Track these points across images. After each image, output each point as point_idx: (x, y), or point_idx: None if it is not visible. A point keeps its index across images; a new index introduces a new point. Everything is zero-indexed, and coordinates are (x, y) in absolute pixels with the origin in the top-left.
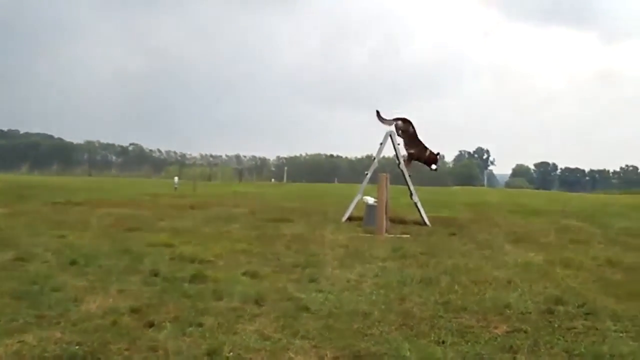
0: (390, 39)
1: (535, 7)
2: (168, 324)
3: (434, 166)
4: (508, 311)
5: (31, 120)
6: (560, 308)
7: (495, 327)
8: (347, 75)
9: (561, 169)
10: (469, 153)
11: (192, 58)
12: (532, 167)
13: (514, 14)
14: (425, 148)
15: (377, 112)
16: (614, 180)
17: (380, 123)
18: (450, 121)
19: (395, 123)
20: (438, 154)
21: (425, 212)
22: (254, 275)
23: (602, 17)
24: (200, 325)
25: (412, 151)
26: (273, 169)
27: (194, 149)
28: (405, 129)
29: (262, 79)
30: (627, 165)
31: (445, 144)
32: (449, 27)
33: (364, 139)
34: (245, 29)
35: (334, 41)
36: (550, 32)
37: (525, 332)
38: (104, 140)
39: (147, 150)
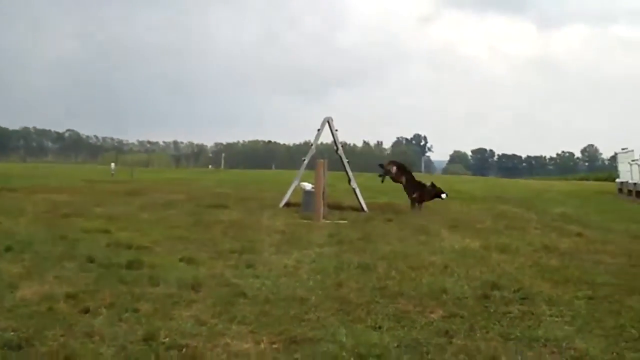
0: (326, 25)
1: None
2: (104, 310)
3: (443, 195)
4: (444, 296)
5: None
6: (496, 293)
7: (432, 312)
8: (284, 61)
9: (498, 155)
10: (406, 139)
11: (129, 44)
12: (469, 153)
13: (450, 1)
14: (424, 186)
15: (380, 165)
16: (550, 167)
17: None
18: (387, 107)
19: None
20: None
21: (363, 198)
22: (190, 261)
23: (537, 4)
24: (137, 311)
25: (415, 195)
26: (210, 155)
27: (132, 136)
28: (401, 173)
29: (200, 65)
30: (563, 152)
31: (382, 130)
32: (386, 12)
33: (301, 126)
34: (182, 15)
35: (272, 27)
36: (486, 19)
37: (462, 317)
38: (40, 127)
39: (84, 137)
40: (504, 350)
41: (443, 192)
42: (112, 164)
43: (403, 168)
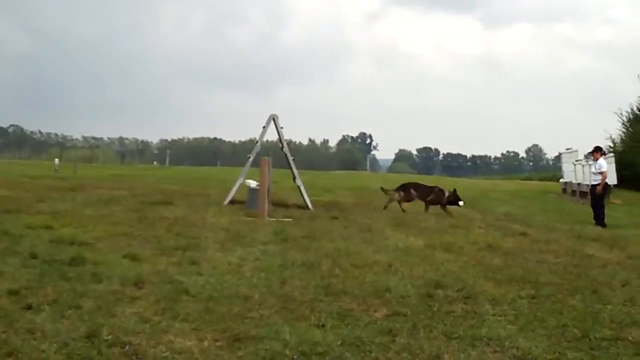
0: (272, 21)
1: None
2: (47, 307)
3: (460, 203)
4: (388, 295)
5: None
6: (440, 292)
7: (375, 311)
8: (230, 58)
9: (443, 154)
10: (352, 137)
11: (74, 39)
12: (414, 152)
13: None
14: (441, 190)
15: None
16: (495, 166)
17: None
18: (333, 105)
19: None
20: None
21: (308, 196)
22: (134, 257)
23: (483, 3)
24: (79, 307)
25: (430, 198)
26: (156, 152)
27: (76, 131)
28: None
29: (145, 61)
30: (508, 151)
31: (328, 128)
32: (332, 9)
33: (247, 123)
34: (128, 10)
35: (216, 23)
36: (433, 17)
37: (405, 315)
38: None
39: (28, 132)
40: (447, 349)
41: (460, 200)
42: (56, 160)
43: (404, 187)
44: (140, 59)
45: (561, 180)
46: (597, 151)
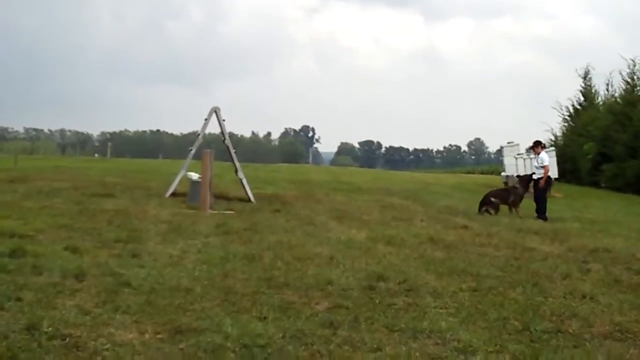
0: (211, 14)
1: None
2: None
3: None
4: (330, 287)
5: None
6: (382, 284)
7: (317, 303)
8: (170, 51)
9: (386, 147)
10: (294, 130)
11: (13, 31)
12: (356, 145)
13: None
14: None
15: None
16: (437, 160)
17: None
18: (275, 98)
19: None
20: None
21: (250, 189)
22: (74, 250)
23: None
24: (19, 300)
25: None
26: (97, 144)
27: (17, 123)
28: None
29: (85, 54)
30: (450, 145)
31: (271, 121)
32: (271, 3)
33: (189, 115)
34: (66, 3)
35: (155, 17)
36: (373, 11)
37: (347, 308)
38: None
39: None
40: (388, 341)
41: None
42: None
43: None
44: (80, 52)
45: (502, 173)
46: (538, 145)
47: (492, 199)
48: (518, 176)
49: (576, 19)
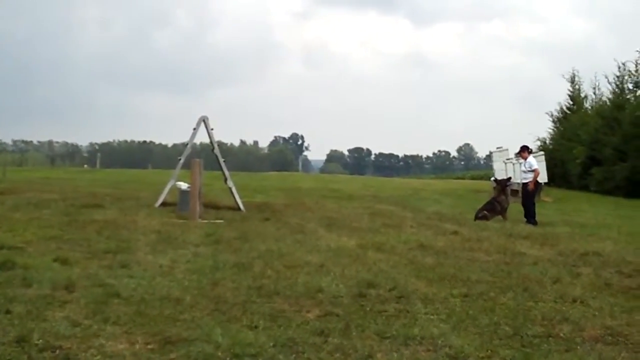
0: (199, 22)
1: None
2: None
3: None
4: (320, 295)
5: None
6: (372, 291)
7: (308, 311)
8: (157, 60)
9: (375, 154)
10: (283, 139)
11: (3, 42)
12: (346, 152)
13: None
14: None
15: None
16: (427, 166)
17: None
18: (264, 106)
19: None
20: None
21: (240, 198)
22: (64, 261)
23: (410, 2)
24: (9, 312)
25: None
26: (86, 155)
27: (5, 135)
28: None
29: (71, 63)
30: (439, 151)
31: (260, 129)
32: (259, 10)
33: (178, 125)
34: (53, 11)
35: (142, 25)
36: (362, 15)
37: (337, 315)
38: None
39: None
40: (379, 348)
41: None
42: None
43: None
44: (66, 61)
45: (492, 178)
46: (525, 150)
47: (486, 213)
48: (495, 180)
49: (567, 21)
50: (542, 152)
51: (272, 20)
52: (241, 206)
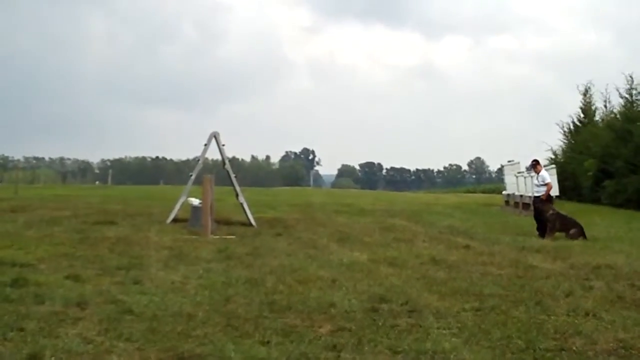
0: (207, 37)
1: (355, 6)
2: None
3: None
4: (332, 310)
5: None
6: (384, 306)
7: (320, 327)
8: (166, 75)
9: (386, 168)
10: (295, 154)
11: (10, 57)
12: (357, 167)
13: (333, 12)
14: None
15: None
16: (438, 180)
17: None
18: (275, 121)
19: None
20: None
21: (252, 213)
22: (76, 278)
23: (419, 16)
24: (22, 329)
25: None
26: (97, 171)
27: (17, 152)
28: None
29: (82, 79)
30: (450, 165)
31: (271, 144)
32: (267, 24)
33: (189, 141)
34: (61, 26)
35: (153, 41)
36: (371, 30)
37: (350, 330)
38: None
39: None
40: None
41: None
42: None
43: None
44: (75, 76)
45: (504, 192)
46: (538, 164)
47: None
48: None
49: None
50: (553, 165)
51: (281, 35)
52: (253, 222)
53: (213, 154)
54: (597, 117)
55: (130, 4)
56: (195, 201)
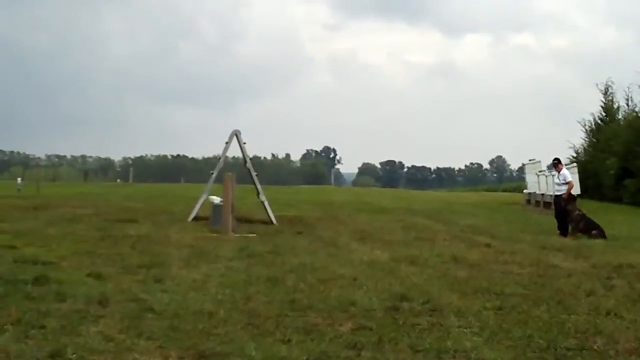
0: (226, 34)
1: (377, 3)
2: (10, 327)
3: None
4: (353, 309)
5: None
6: (405, 305)
7: (341, 325)
8: (188, 73)
9: (407, 167)
10: (316, 152)
11: (32, 55)
12: (378, 165)
13: (352, 10)
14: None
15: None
16: (459, 178)
17: None
18: (296, 119)
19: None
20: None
21: (272, 211)
22: (98, 276)
23: (440, 14)
24: (43, 327)
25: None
26: (119, 169)
27: (39, 150)
28: None
29: (103, 79)
30: (471, 163)
31: (291, 142)
32: (288, 21)
33: (210, 139)
34: (82, 24)
35: (174, 38)
36: (393, 29)
37: (371, 329)
38: None
39: None
40: None
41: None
42: (19, 179)
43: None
44: (96, 74)
45: (525, 191)
46: (559, 163)
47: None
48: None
49: (597, 31)
50: (574, 164)
51: (301, 32)
52: (274, 220)
53: (234, 152)
54: (619, 116)
55: (150, 2)
56: (216, 199)
